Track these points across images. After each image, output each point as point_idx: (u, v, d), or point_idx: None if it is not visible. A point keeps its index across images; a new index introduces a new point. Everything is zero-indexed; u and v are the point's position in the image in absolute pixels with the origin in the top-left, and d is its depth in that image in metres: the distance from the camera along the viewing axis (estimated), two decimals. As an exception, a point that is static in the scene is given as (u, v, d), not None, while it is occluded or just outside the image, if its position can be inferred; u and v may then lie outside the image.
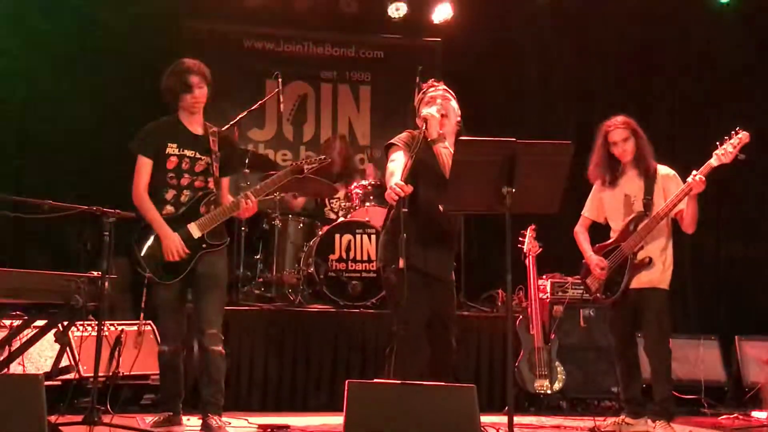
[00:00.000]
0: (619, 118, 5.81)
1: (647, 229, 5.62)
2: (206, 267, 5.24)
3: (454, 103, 5.18)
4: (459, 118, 5.19)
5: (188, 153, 5.29)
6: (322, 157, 5.78)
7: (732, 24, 9.14)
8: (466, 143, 4.65)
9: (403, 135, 5.15)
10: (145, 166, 5.25)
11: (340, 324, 6.84)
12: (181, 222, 5.20)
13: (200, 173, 5.31)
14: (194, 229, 5.21)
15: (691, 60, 9.40)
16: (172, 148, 5.27)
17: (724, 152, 5.43)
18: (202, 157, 5.31)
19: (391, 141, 5.16)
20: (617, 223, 5.83)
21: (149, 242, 5.18)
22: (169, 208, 5.22)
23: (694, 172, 5.46)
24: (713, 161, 5.46)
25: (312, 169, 5.57)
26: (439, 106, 5.08)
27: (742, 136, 5.44)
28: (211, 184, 5.31)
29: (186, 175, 5.27)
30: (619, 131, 5.77)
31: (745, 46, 9.18)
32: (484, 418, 4.86)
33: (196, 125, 5.39)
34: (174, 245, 5.12)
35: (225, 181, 5.43)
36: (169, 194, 5.24)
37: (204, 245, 5.22)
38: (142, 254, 5.18)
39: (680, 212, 5.64)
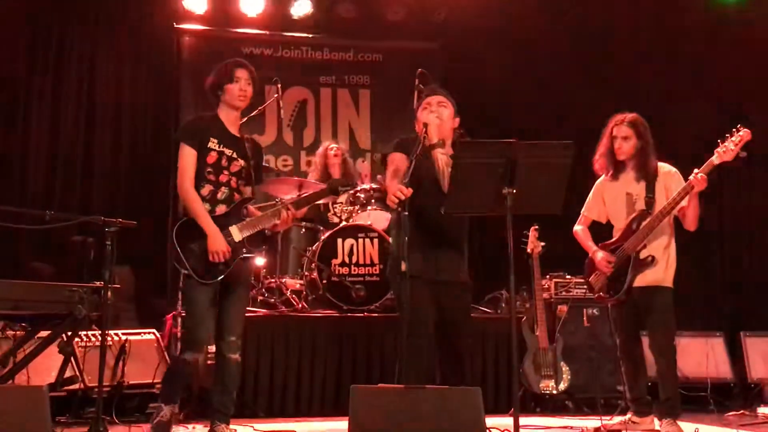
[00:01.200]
0: (629, 116, 5.79)
1: (649, 227, 5.60)
2: (239, 272, 5.10)
3: (448, 112, 5.14)
4: (457, 125, 5.16)
5: (227, 151, 5.15)
6: (355, 183, 5.77)
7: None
8: (467, 145, 4.65)
9: (399, 139, 5.16)
10: (190, 156, 5.06)
11: (344, 328, 6.83)
12: (222, 223, 5.03)
13: (235, 173, 5.16)
14: (236, 232, 5.03)
15: (693, 59, 9.39)
16: (213, 143, 5.11)
17: (726, 150, 5.41)
18: (239, 159, 5.18)
19: (387, 152, 5.16)
20: (620, 222, 5.81)
21: (191, 238, 4.95)
22: (206, 206, 5.04)
23: (695, 170, 5.45)
24: (715, 159, 5.44)
25: (345, 192, 5.64)
26: (436, 112, 5.07)
27: (743, 134, 5.41)
28: (242, 187, 5.19)
29: (225, 172, 5.12)
30: (622, 128, 5.74)
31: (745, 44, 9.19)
32: (491, 420, 4.84)
33: (233, 127, 5.25)
34: (221, 246, 4.93)
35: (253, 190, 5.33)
36: (206, 190, 5.07)
37: (244, 249, 5.06)
38: (184, 250, 4.94)
39: (682, 210, 5.63)
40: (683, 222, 5.67)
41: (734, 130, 5.44)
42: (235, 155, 5.17)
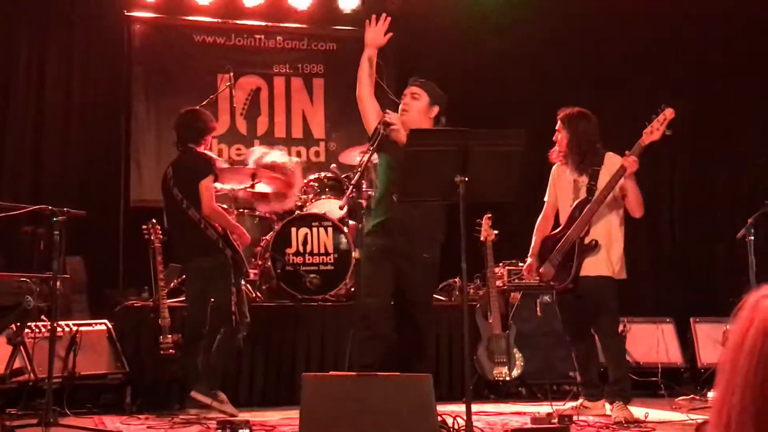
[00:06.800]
0: (566, 111, 5.84)
1: (590, 212, 5.66)
2: None
3: (419, 104, 5.19)
4: (435, 113, 5.22)
5: None
6: None
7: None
8: (419, 133, 4.66)
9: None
10: None
11: (298, 318, 6.82)
12: None
13: None
14: None
15: (648, 46, 9.46)
16: None
17: (652, 130, 5.53)
18: None
19: None
20: (565, 209, 5.86)
21: None
22: None
23: (626, 153, 5.55)
24: (643, 140, 5.56)
25: None
26: (406, 106, 5.18)
27: (666, 113, 5.54)
28: None
29: None
30: (558, 123, 5.83)
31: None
32: (445, 407, 4.88)
33: None
34: None
35: None
36: None
37: None
38: None
39: (624, 196, 5.72)
40: (628, 209, 5.74)
41: (659, 110, 5.55)
42: None
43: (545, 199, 6.05)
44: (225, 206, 7.15)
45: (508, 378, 6.87)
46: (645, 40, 9.40)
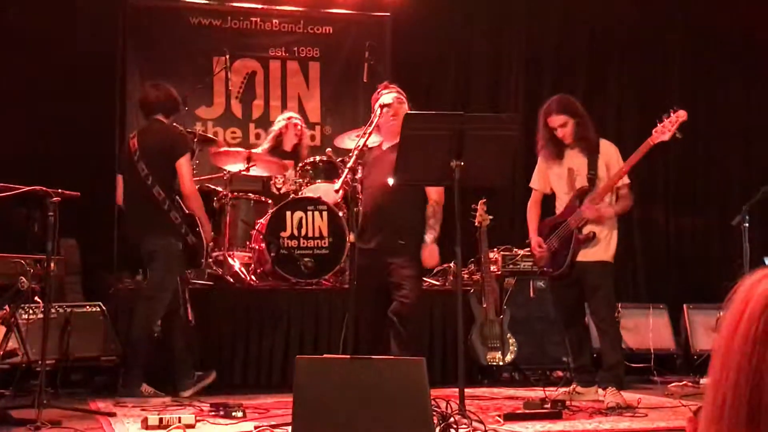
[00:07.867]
0: (555, 102, 5.80)
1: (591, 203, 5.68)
2: None
3: (402, 109, 5.40)
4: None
5: None
6: None
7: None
8: (414, 117, 4.67)
9: None
10: None
11: (292, 301, 6.82)
12: None
13: None
14: None
15: (642, 34, 9.46)
16: None
17: (663, 130, 5.51)
18: None
19: None
20: (561, 195, 5.86)
21: None
22: None
23: (626, 167, 5.60)
24: (652, 139, 5.55)
25: None
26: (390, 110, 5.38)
27: (679, 114, 5.51)
28: None
29: None
30: (555, 118, 5.75)
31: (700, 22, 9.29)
32: (439, 392, 4.88)
33: None
34: None
35: None
36: None
37: None
38: None
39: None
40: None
41: (671, 110, 5.54)
42: None
43: (531, 185, 6.05)
44: (220, 189, 7.17)
45: (501, 363, 6.89)
46: (638, 28, 9.39)
